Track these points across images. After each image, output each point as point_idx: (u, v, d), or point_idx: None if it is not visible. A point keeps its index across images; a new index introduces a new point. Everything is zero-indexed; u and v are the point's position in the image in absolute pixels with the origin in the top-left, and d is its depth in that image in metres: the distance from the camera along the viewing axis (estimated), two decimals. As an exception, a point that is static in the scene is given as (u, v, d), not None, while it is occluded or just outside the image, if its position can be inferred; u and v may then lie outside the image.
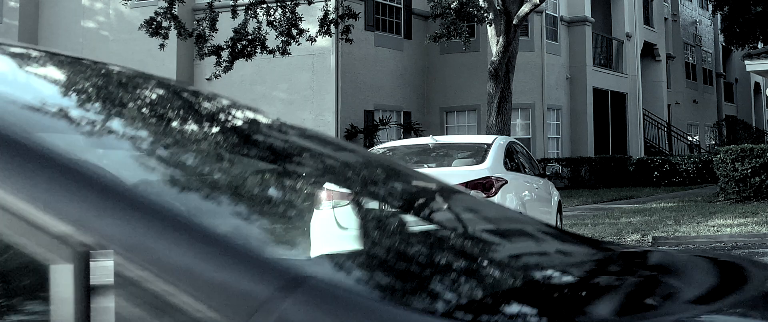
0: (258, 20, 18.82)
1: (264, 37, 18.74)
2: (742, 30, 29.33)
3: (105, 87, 1.53)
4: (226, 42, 18.64)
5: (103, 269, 0.91)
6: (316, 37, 19.03)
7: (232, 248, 0.96)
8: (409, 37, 24.82)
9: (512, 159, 10.49)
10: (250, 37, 18.68)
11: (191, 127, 1.51)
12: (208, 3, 18.84)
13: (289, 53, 19.15)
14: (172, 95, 1.60)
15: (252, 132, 1.62)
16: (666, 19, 34.81)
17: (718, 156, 17.27)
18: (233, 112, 1.67)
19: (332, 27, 19.32)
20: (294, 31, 18.93)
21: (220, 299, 0.91)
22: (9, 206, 0.93)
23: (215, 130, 1.54)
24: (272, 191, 1.48)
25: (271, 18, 18.97)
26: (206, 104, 1.64)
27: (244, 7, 18.78)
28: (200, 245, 0.95)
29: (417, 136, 21.68)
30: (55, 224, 0.92)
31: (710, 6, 34.40)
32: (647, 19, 32.76)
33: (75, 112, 1.36)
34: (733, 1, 28.84)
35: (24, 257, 0.95)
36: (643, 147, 30.50)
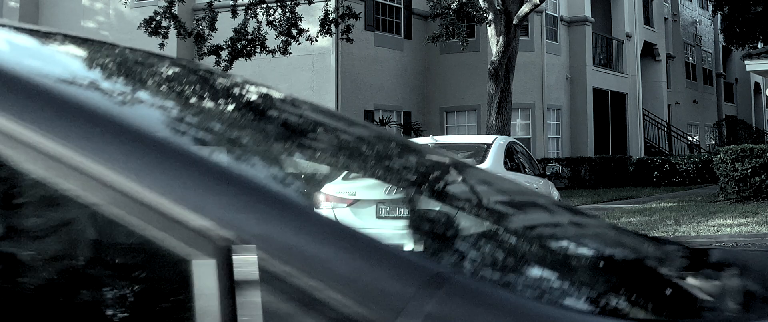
0: (258, 20, 18.82)
1: (264, 37, 18.74)
2: (742, 30, 29.33)
3: (227, 89, 1.58)
4: (225, 42, 18.64)
5: (247, 263, 0.91)
6: (317, 37, 19.03)
7: (375, 244, 0.96)
8: (409, 37, 24.81)
9: (512, 159, 10.49)
10: (249, 37, 18.68)
11: (319, 129, 1.54)
12: (208, 2, 18.84)
13: (290, 53, 19.15)
14: (286, 100, 1.63)
15: (363, 138, 1.65)
16: (666, 19, 34.80)
17: (718, 156, 17.26)
18: (342, 119, 1.71)
19: (332, 27, 19.32)
20: (294, 31, 18.94)
21: (366, 295, 0.90)
22: (151, 202, 0.93)
23: (338, 133, 1.58)
24: (403, 191, 1.49)
25: (271, 18, 18.96)
26: (312, 112, 1.67)
27: (244, 7, 18.78)
28: (345, 240, 0.95)
29: (417, 136, 21.68)
30: (196, 219, 0.92)
31: (710, 6, 34.39)
32: (647, 19, 32.75)
33: (206, 112, 1.40)
34: (733, 1, 28.84)
35: (166, 253, 0.95)
36: (643, 147, 30.49)
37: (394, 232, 1.22)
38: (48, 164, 0.94)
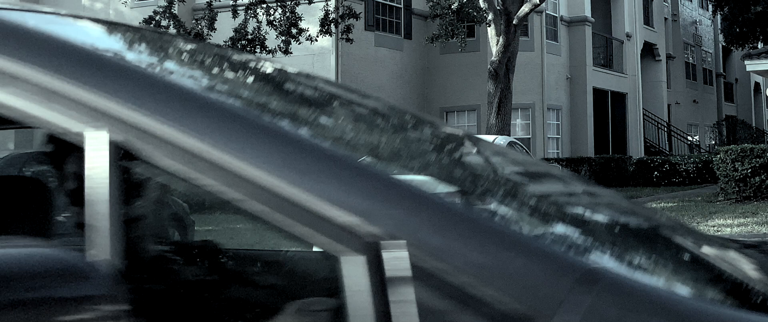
0: (258, 20, 18.82)
1: (264, 36, 18.74)
2: (742, 30, 29.32)
3: (357, 94, 1.62)
4: (225, 41, 18.65)
5: (397, 259, 0.90)
6: (317, 37, 19.03)
7: (526, 240, 0.96)
8: (409, 37, 24.81)
9: (512, 159, 10.49)
10: (249, 36, 18.68)
11: (440, 129, 1.57)
12: (208, 2, 18.84)
13: (290, 53, 19.15)
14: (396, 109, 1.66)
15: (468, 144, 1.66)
16: (666, 19, 34.80)
17: (718, 156, 17.26)
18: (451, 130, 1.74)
19: (332, 27, 19.32)
20: (294, 31, 18.93)
21: (522, 291, 0.89)
22: (299, 200, 0.94)
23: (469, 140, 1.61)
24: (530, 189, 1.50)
25: (271, 18, 18.97)
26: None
27: (244, 7, 18.78)
28: (495, 236, 0.94)
29: (417, 136, 21.65)
30: (344, 216, 0.93)
31: (710, 6, 34.39)
32: (647, 19, 32.75)
33: (344, 113, 1.44)
34: (733, 1, 28.83)
35: (315, 250, 0.95)
36: (643, 147, 30.49)
37: (540, 229, 1.21)
38: (203, 166, 0.95)
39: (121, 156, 0.95)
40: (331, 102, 1.53)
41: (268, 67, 1.60)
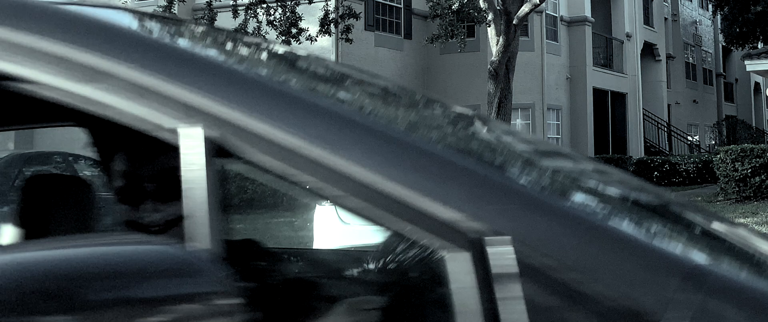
0: (258, 20, 18.82)
1: (264, 36, 18.75)
2: (742, 30, 29.30)
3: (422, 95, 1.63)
4: (226, 42, 18.64)
5: (503, 255, 0.90)
6: (316, 36, 19.03)
7: (631, 236, 0.95)
8: (409, 37, 24.80)
9: (512, 159, 10.48)
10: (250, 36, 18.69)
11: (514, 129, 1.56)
12: (207, 2, 18.84)
13: (289, 53, 19.15)
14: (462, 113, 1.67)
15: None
16: (666, 19, 34.79)
17: (718, 156, 17.26)
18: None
19: (332, 27, 19.32)
20: (294, 31, 18.93)
21: (629, 289, 0.89)
22: (401, 197, 0.93)
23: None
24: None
25: (271, 17, 18.97)
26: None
27: (244, 7, 18.78)
28: (600, 232, 0.93)
29: (417, 136, 21.65)
30: (446, 212, 0.92)
31: (710, 6, 34.38)
32: (647, 19, 32.74)
33: (439, 112, 1.44)
34: (733, 1, 28.82)
35: (418, 246, 0.95)
36: (643, 147, 30.48)
37: (642, 226, 1.19)
38: (300, 162, 0.95)
39: (216, 152, 0.96)
40: (419, 104, 1.53)
41: (352, 70, 1.61)
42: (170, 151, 1.01)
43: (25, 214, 1.85)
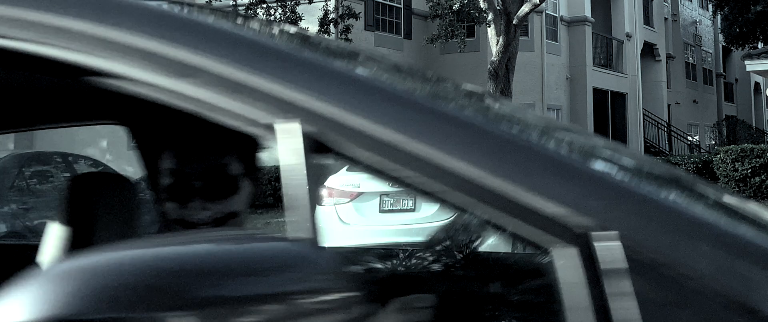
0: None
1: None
2: (742, 30, 29.30)
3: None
4: (226, 42, 18.65)
5: (611, 251, 0.89)
6: (316, 37, 19.04)
7: (743, 234, 0.95)
8: (409, 37, 24.80)
9: (512, 159, 10.48)
10: (250, 36, 18.70)
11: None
12: (207, 1, 18.85)
13: (289, 53, 19.15)
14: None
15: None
16: (666, 19, 34.79)
17: (718, 156, 17.27)
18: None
19: (332, 27, 19.32)
20: (294, 31, 18.94)
21: (743, 288, 0.88)
22: (507, 193, 0.93)
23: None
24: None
25: (272, 17, 18.97)
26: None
27: (244, 7, 18.78)
28: (709, 228, 0.93)
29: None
30: (552, 206, 0.92)
31: (710, 6, 34.38)
32: (647, 19, 32.74)
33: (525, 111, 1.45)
34: (733, 1, 28.82)
35: (524, 242, 0.94)
36: (643, 147, 30.48)
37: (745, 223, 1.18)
38: (400, 157, 0.95)
39: (314, 147, 0.96)
40: (505, 105, 1.53)
41: (426, 72, 1.62)
42: (264, 146, 1.02)
43: (72, 212, 1.86)
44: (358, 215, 9.14)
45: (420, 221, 8.96)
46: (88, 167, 13.53)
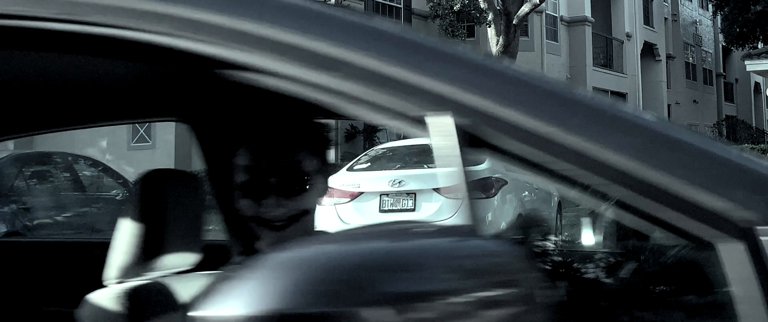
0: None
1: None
2: (742, 30, 29.29)
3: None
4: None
5: None
6: (316, 37, 19.06)
7: None
8: (409, 37, 24.79)
9: (512, 159, 10.48)
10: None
11: None
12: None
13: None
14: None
15: None
16: (666, 19, 34.80)
17: (718, 156, 17.23)
18: None
19: (332, 27, 19.32)
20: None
21: None
22: (668, 186, 0.93)
23: None
24: None
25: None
26: None
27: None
28: None
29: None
30: (716, 201, 0.92)
31: (710, 6, 34.38)
32: (647, 19, 32.74)
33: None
34: (733, 1, 28.81)
35: (687, 236, 0.95)
36: (643, 147, 30.47)
37: None
38: (557, 150, 0.96)
39: (467, 139, 0.96)
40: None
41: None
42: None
43: (144, 209, 1.86)
44: (358, 214, 9.14)
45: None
46: (88, 167, 13.52)
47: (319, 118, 1.74)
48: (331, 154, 1.73)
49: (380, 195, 9.49)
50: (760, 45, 28.44)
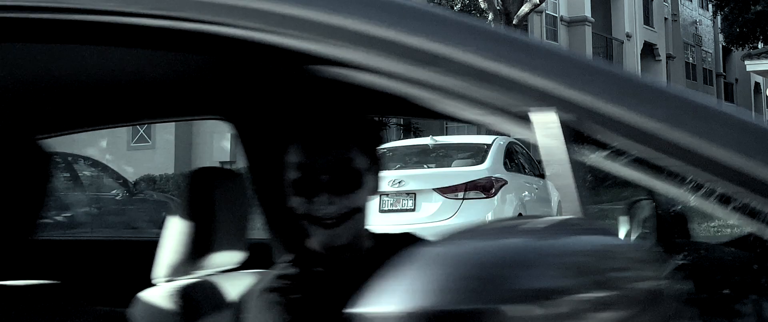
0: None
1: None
2: (742, 30, 29.28)
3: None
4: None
5: None
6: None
7: None
8: (409, 37, 24.79)
9: (512, 160, 10.49)
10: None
11: None
12: None
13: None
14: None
15: None
16: (666, 19, 34.80)
17: (718, 156, 17.25)
18: None
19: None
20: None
21: None
22: None
23: None
24: None
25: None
26: None
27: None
28: None
29: (416, 136, 21.68)
30: None
31: (710, 6, 34.37)
32: (647, 19, 32.75)
33: None
34: (733, 1, 28.81)
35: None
36: (643, 147, 30.49)
37: None
38: (674, 150, 0.96)
39: (572, 135, 0.96)
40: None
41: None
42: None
43: (193, 206, 1.87)
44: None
45: (419, 221, 8.97)
46: (88, 167, 13.54)
47: (385, 115, 1.74)
48: (382, 152, 1.73)
49: (380, 195, 9.49)
50: (760, 45, 28.43)
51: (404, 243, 1.81)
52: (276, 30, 1.04)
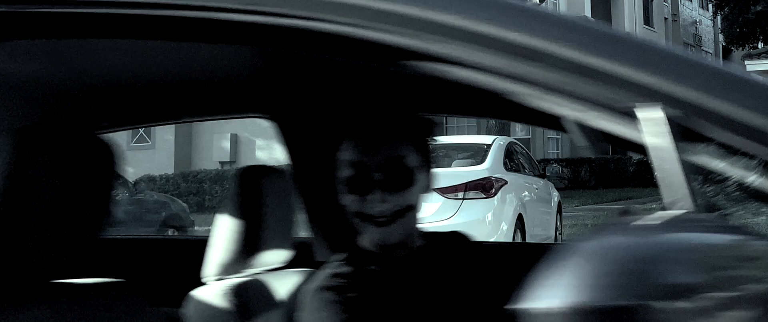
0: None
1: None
2: (742, 30, 29.30)
3: None
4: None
5: None
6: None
7: None
8: (409, 37, 24.80)
9: (512, 160, 10.48)
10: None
11: None
12: None
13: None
14: None
15: None
16: (666, 19, 34.81)
17: (719, 156, 17.27)
18: None
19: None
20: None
21: None
22: None
23: None
24: None
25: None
26: None
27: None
28: None
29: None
30: None
31: (710, 6, 34.39)
32: (647, 19, 32.75)
33: None
34: (733, 1, 28.82)
35: None
36: (643, 147, 30.49)
37: None
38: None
39: (678, 131, 0.95)
40: None
41: None
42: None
43: (243, 204, 1.88)
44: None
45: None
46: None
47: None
48: (434, 150, 1.73)
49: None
50: (760, 45, 28.46)
51: (454, 242, 1.82)
52: (373, 25, 1.03)
